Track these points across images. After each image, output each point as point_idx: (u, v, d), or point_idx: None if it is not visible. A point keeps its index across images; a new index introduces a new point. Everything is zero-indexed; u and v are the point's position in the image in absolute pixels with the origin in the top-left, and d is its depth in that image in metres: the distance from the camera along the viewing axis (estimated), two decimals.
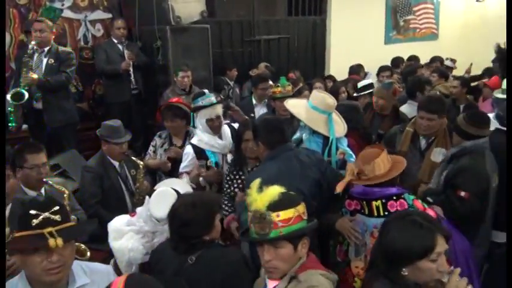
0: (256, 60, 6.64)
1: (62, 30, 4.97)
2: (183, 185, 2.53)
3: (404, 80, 5.17)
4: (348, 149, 2.87)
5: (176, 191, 2.24)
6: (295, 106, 3.04)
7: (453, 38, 8.64)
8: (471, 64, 6.48)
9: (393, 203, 2.14)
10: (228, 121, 3.56)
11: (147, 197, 2.37)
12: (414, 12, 8.39)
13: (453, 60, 6.74)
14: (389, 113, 3.77)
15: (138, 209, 2.39)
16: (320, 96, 2.99)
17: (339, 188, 2.21)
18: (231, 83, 5.83)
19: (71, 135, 4.46)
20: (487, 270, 2.95)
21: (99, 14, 5.27)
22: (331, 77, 6.33)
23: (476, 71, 6.39)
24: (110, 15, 5.32)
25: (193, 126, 3.34)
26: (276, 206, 1.58)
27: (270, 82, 5.12)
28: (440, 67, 5.97)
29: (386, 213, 2.14)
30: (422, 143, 3.05)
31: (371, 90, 4.32)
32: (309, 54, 7.49)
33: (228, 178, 2.98)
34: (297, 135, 2.94)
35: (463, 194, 2.53)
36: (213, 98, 3.14)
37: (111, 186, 3.14)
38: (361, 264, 2.24)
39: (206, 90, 3.24)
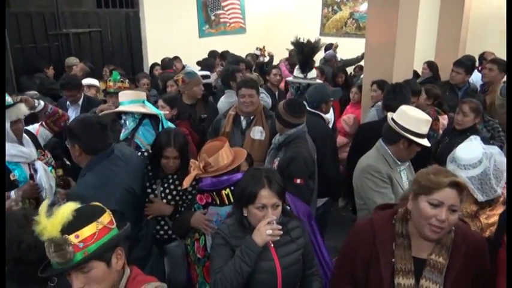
0: (67, 55, 6.16)
1: None
2: None
3: None
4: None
5: None
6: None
7: (258, 31, 9.55)
8: (264, 47, 7.36)
9: None
10: None
11: None
12: (223, 7, 8.94)
13: (261, 50, 7.45)
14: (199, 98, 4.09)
15: None
16: (128, 92, 3.10)
17: (186, 182, 2.24)
18: None
19: None
20: None
21: None
22: (158, 65, 6.38)
23: (279, 57, 7.28)
24: None
25: None
26: (73, 226, 1.34)
27: (93, 81, 4.79)
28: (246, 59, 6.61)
29: None
30: (243, 123, 3.36)
31: None
32: (125, 48, 7.27)
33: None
34: (124, 132, 2.89)
35: (298, 181, 2.80)
36: (9, 99, 2.60)
37: None
38: None
39: None
